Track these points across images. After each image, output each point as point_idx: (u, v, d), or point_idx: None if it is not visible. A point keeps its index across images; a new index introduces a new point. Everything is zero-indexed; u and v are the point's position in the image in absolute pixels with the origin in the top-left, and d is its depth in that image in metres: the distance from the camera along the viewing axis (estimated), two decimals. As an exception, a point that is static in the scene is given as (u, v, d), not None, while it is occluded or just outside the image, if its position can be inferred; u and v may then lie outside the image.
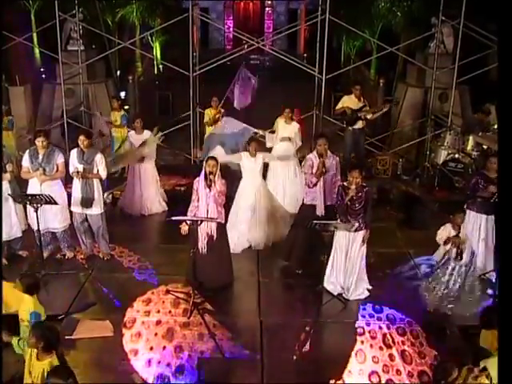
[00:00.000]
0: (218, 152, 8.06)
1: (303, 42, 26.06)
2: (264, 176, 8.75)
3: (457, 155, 10.44)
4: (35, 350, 4.46)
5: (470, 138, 10.49)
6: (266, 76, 22.67)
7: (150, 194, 9.53)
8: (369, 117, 10.61)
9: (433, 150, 11.13)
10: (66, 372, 4.23)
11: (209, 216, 6.78)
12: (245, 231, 8.19)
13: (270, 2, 28.58)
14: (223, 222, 7.09)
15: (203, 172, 6.79)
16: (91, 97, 12.26)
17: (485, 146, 10.27)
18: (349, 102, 10.60)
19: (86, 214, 7.64)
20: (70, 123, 11.61)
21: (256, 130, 9.05)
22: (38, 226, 7.11)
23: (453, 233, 6.55)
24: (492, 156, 7.41)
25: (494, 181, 7.03)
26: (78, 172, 7.36)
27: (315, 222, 6.43)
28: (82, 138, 7.38)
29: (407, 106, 13.15)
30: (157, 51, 19.67)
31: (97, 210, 7.62)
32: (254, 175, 8.17)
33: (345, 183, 6.72)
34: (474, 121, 11.21)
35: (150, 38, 18.68)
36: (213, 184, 6.72)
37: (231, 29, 25.44)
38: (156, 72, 19.18)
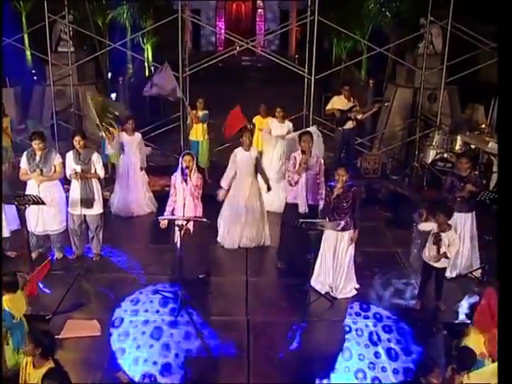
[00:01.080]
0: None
1: (295, 43, 26.15)
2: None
3: (445, 155, 10.51)
4: (31, 358, 4.42)
5: (458, 137, 10.58)
6: (257, 77, 22.81)
7: (138, 196, 9.57)
8: (359, 117, 10.70)
9: (421, 150, 11.20)
10: (60, 375, 4.23)
11: (185, 210, 6.94)
12: (237, 228, 8.26)
13: (261, 4, 28.63)
14: (201, 215, 7.12)
15: (179, 167, 6.99)
16: (81, 98, 12.24)
17: (473, 146, 10.35)
18: (338, 102, 10.66)
19: (85, 215, 7.66)
20: (61, 124, 11.60)
21: None
22: (26, 226, 7.13)
23: (435, 230, 6.58)
24: (462, 156, 7.61)
25: (466, 180, 7.16)
26: (76, 173, 7.39)
27: (302, 220, 6.46)
28: (77, 138, 7.42)
29: (396, 107, 13.20)
30: (148, 53, 19.68)
31: (97, 209, 7.68)
32: (247, 170, 8.15)
33: (332, 182, 6.77)
34: (461, 120, 11.30)
35: (141, 40, 18.67)
36: (189, 178, 6.92)
37: (223, 30, 25.46)
38: (147, 73, 19.17)
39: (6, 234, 7.58)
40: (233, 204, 8.27)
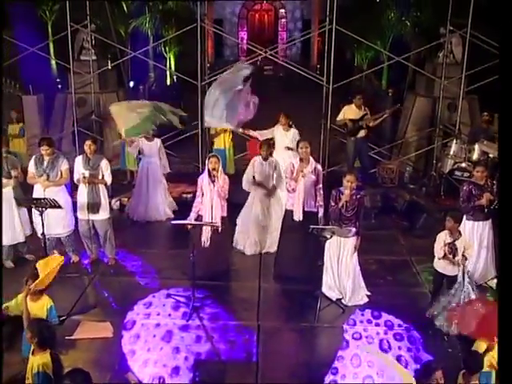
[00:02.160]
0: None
1: (316, 52, 26.21)
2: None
3: (463, 164, 10.43)
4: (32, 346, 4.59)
5: (476, 146, 10.49)
6: (279, 86, 22.90)
7: (156, 201, 9.66)
8: (370, 124, 10.73)
9: (439, 159, 11.13)
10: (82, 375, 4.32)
11: (213, 210, 7.21)
12: (253, 235, 8.36)
13: (284, 13, 28.79)
14: (226, 215, 7.45)
15: (206, 169, 7.25)
16: (102, 106, 12.45)
17: (491, 155, 10.26)
18: (349, 111, 10.72)
19: (93, 220, 7.78)
20: (81, 132, 11.81)
21: None
22: (43, 229, 7.26)
23: (448, 240, 6.53)
24: (479, 164, 7.61)
25: (484, 188, 7.15)
26: (84, 177, 7.52)
27: (313, 226, 6.50)
28: (89, 142, 7.60)
29: (416, 116, 13.15)
30: (171, 61, 19.92)
31: (103, 215, 7.77)
32: (265, 180, 8.29)
33: (341, 188, 6.78)
34: (479, 130, 11.20)
35: (163, 49, 18.92)
36: (216, 179, 7.19)
37: (245, 40, 25.65)
38: (169, 82, 19.42)
39: (21, 238, 7.75)
40: (249, 211, 8.41)
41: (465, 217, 7.34)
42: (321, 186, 7.35)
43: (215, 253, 7.43)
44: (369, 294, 7.11)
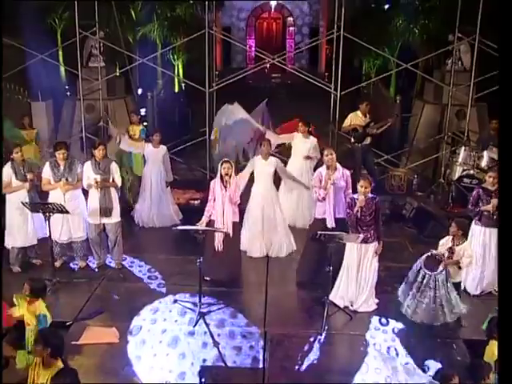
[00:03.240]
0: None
1: (324, 60, 26.21)
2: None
3: (471, 171, 10.35)
4: (40, 358, 4.51)
5: (485, 153, 10.42)
6: (286, 94, 22.91)
7: (162, 208, 9.65)
8: (374, 131, 10.71)
9: (448, 167, 11.07)
10: (69, 374, 4.30)
11: (224, 214, 7.26)
12: (257, 236, 8.41)
13: (292, 21, 28.85)
14: (238, 221, 7.58)
15: (219, 174, 7.32)
16: (110, 112, 12.49)
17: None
18: (355, 118, 10.72)
19: (104, 225, 7.79)
20: (89, 138, 11.84)
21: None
22: (50, 234, 7.28)
23: (449, 244, 6.50)
24: (491, 170, 7.49)
25: (494, 194, 7.12)
26: (97, 182, 7.53)
27: (320, 232, 6.46)
28: (102, 147, 7.64)
29: (424, 123, 13.11)
30: (179, 69, 19.96)
31: (115, 218, 7.81)
32: (265, 179, 8.34)
33: (354, 195, 6.75)
34: (488, 137, 11.13)
35: (171, 56, 18.96)
36: (228, 185, 7.25)
37: (253, 48, 25.68)
38: (177, 89, 19.44)
39: (33, 241, 7.75)
40: (251, 212, 8.48)
41: (473, 222, 7.29)
42: (350, 191, 7.29)
43: (226, 258, 7.45)
44: (377, 301, 7.05)
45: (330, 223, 7.23)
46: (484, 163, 10.44)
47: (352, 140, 10.87)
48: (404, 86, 17.72)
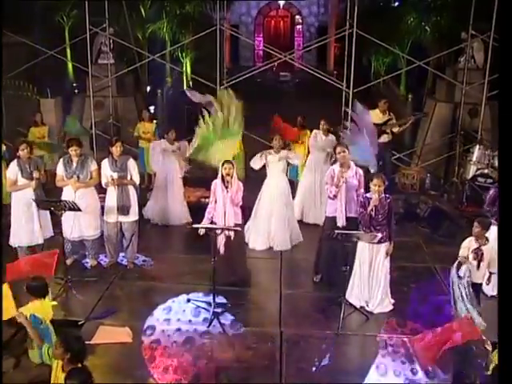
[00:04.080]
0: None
1: (333, 58, 26.09)
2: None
3: (486, 170, 10.23)
4: (60, 362, 4.38)
5: (500, 152, 10.27)
6: (295, 92, 22.82)
7: (176, 205, 9.57)
8: (395, 130, 10.60)
9: (462, 165, 10.93)
10: (83, 374, 4.20)
11: (226, 217, 7.03)
12: (265, 227, 8.42)
13: (300, 19, 28.72)
14: (240, 223, 7.33)
15: (220, 175, 7.06)
16: (120, 110, 12.41)
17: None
18: (373, 115, 10.53)
19: (121, 223, 7.69)
20: (99, 135, 11.76)
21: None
22: (62, 232, 7.18)
23: (474, 245, 6.35)
24: None
25: None
26: (113, 179, 7.44)
27: (337, 231, 6.35)
28: (118, 144, 7.52)
29: (436, 122, 12.96)
30: (187, 67, 19.87)
31: (133, 216, 7.71)
32: (277, 173, 8.45)
33: (367, 194, 6.64)
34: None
35: (179, 54, 18.87)
36: (229, 185, 7.03)
37: (261, 46, 25.58)
38: (186, 87, 19.35)
39: (40, 240, 7.63)
40: (262, 204, 8.51)
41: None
42: (363, 190, 7.16)
43: (229, 262, 7.19)
44: (393, 301, 6.93)
45: (341, 222, 7.13)
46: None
47: None
48: (414, 84, 17.58)
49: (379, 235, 6.39)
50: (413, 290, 7.40)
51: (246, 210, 8.14)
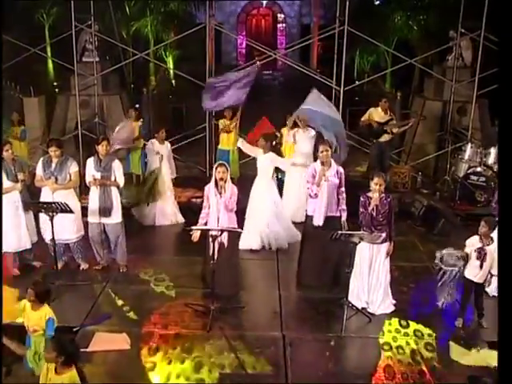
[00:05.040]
0: None
1: (316, 57, 25.94)
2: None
3: (478, 168, 10.19)
4: (53, 365, 4.22)
5: (492, 150, 10.26)
6: (278, 91, 22.66)
7: (166, 205, 9.38)
8: (395, 130, 10.60)
9: (453, 164, 10.89)
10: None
11: (219, 223, 6.71)
12: (257, 227, 8.32)
13: (282, 18, 28.57)
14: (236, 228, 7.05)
15: (213, 179, 6.76)
16: (106, 108, 12.13)
17: None
18: (375, 114, 10.51)
19: (104, 224, 7.45)
20: (84, 134, 11.48)
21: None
22: (53, 235, 6.91)
23: (478, 244, 6.27)
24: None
25: None
26: (95, 179, 7.20)
27: (340, 232, 6.21)
28: (105, 143, 7.25)
29: (425, 120, 12.92)
30: (170, 65, 19.60)
31: (115, 218, 7.44)
32: (265, 172, 8.42)
33: (368, 193, 6.51)
34: (493, 133, 11.00)
35: (163, 53, 18.60)
36: (223, 191, 6.70)
37: (244, 44, 25.38)
38: (170, 86, 19.09)
39: (28, 245, 7.37)
40: (252, 204, 8.42)
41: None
42: (343, 189, 7.07)
43: (223, 270, 6.74)
44: (394, 302, 6.82)
45: (317, 221, 7.02)
46: (491, 160, 10.29)
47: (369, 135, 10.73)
48: (399, 82, 17.53)
49: (383, 235, 6.27)
50: (413, 290, 7.31)
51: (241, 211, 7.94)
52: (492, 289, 6.94)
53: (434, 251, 8.45)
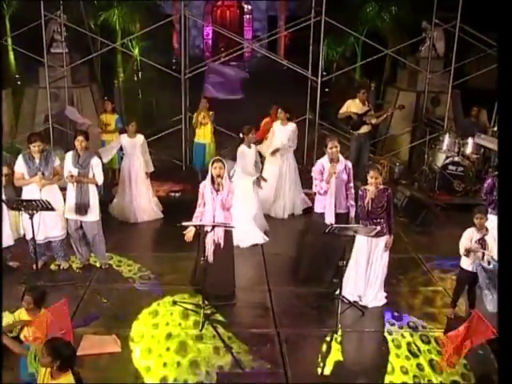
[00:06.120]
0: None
1: (283, 48, 25.84)
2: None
3: (456, 158, 10.24)
4: (49, 369, 4.00)
5: (470, 140, 10.33)
6: (245, 82, 22.41)
7: (143, 201, 9.11)
8: (373, 121, 10.50)
9: (430, 154, 10.92)
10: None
11: (215, 221, 6.43)
12: (243, 224, 8.05)
13: (249, 9, 28.32)
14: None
15: (209, 175, 6.45)
16: (76, 101, 11.73)
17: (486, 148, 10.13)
18: (353, 105, 10.40)
19: (81, 222, 7.18)
20: (55, 128, 11.08)
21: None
22: (33, 234, 6.60)
23: (476, 236, 6.22)
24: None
25: None
26: (72, 176, 6.92)
27: (335, 226, 6.09)
28: (80, 138, 6.95)
29: (399, 111, 12.92)
30: (136, 57, 19.16)
31: (92, 217, 7.15)
32: (250, 166, 8.26)
33: (366, 186, 6.41)
34: (469, 123, 11.08)
35: (130, 44, 18.14)
36: (220, 188, 6.39)
37: (210, 35, 25.07)
38: (136, 78, 18.65)
39: (10, 241, 7.04)
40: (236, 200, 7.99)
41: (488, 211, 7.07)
42: (352, 184, 6.93)
43: (221, 272, 6.59)
44: (385, 294, 6.76)
45: (329, 219, 6.83)
46: (469, 150, 10.37)
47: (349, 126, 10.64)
48: (370, 73, 17.53)
49: (378, 228, 6.16)
50: (402, 282, 7.29)
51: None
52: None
53: (417, 242, 8.60)
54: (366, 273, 6.54)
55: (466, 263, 6.26)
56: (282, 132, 9.35)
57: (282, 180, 9.35)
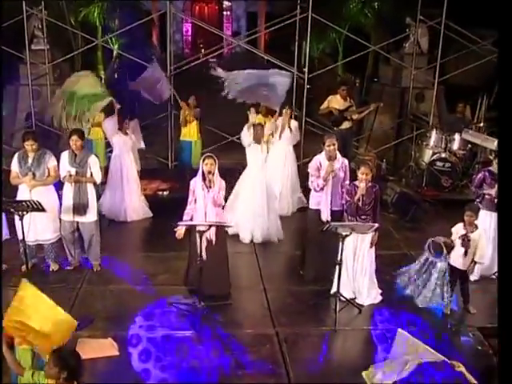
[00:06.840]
0: None
1: (263, 45, 25.72)
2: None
3: (443, 154, 10.30)
4: (54, 381, 3.82)
5: (456, 136, 10.38)
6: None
7: (133, 200, 8.99)
8: (355, 117, 10.51)
9: (417, 150, 10.97)
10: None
11: (207, 218, 6.38)
12: (243, 222, 8.11)
13: (228, 6, 28.12)
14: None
15: (200, 172, 6.39)
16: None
17: (474, 143, 10.19)
18: (334, 101, 10.38)
19: (78, 223, 7.04)
20: (39, 126, 10.86)
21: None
22: (23, 235, 6.43)
23: (461, 232, 6.28)
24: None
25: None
26: (70, 175, 6.77)
27: (332, 224, 6.06)
28: (74, 138, 6.80)
29: (383, 107, 12.96)
30: (118, 54, 18.92)
31: (91, 217, 7.03)
32: (256, 163, 8.14)
33: (355, 182, 6.41)
34: (454, 119, 11.14)
35: (109, 40, 17.90)
36: (212, 184, 6.34)
37: (189, 32, 24.85)
38: (116, 75, 18.42)
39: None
40: (241, 196, 8.20)
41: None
42: (348, 182, 6.89)
43: (215, 270, 6.51)
44: (380, 291, 6.76)
45: (325, 216, 6.85)
46: (456, 146, 10.42)
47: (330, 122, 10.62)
48: (352, 69, 17.57)
49: (376, 225, 6.16)
50: (396, 279, 7.27)
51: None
52: (474, 275, 6.99)
53: (408, 238, 8.61)
54: (352, 268, 6.58)
55: (454, 260, 6.30)
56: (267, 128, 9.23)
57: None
